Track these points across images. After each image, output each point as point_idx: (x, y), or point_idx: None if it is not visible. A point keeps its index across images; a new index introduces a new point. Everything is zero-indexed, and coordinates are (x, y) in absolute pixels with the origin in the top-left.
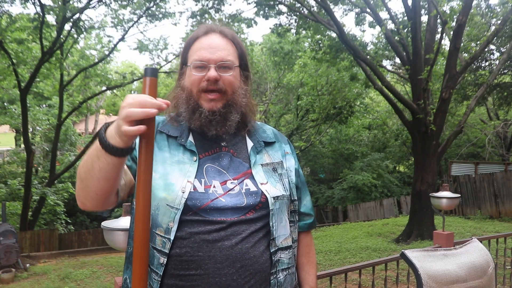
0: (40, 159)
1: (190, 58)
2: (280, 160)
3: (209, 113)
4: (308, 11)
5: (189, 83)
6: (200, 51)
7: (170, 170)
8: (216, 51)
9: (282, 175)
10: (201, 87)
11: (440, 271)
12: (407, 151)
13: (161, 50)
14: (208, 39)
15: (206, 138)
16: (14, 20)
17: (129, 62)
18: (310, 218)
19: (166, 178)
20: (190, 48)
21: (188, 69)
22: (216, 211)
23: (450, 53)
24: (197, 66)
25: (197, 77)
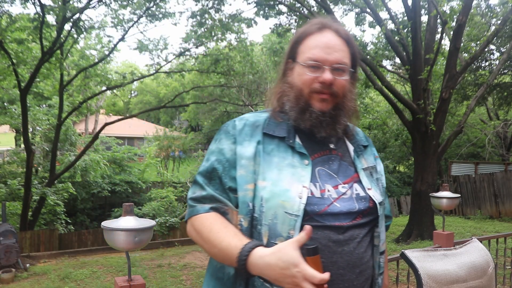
0: (40, 159)
1: (302, 55)
2: (374, 164)
3: (320, 113)
4: (308, 11)
5: (300, 81)
6: (315, 50)
7: (281, 175)
8: (333, 51)
9: (378, 180)
10: (313, 88)
11: (440, 271)
12: (407, 151)
13: (161, 50)
14: (324, 37)
15: (312, 139)
16: (14, 20)
17: (129, 62)
18: (389, 220)
19: (279, 184)
20: (301, 44)
21: (299, 66)
22: (331, 216)
23: (450, 53)
24: (311, 66)
25: (310, 77)
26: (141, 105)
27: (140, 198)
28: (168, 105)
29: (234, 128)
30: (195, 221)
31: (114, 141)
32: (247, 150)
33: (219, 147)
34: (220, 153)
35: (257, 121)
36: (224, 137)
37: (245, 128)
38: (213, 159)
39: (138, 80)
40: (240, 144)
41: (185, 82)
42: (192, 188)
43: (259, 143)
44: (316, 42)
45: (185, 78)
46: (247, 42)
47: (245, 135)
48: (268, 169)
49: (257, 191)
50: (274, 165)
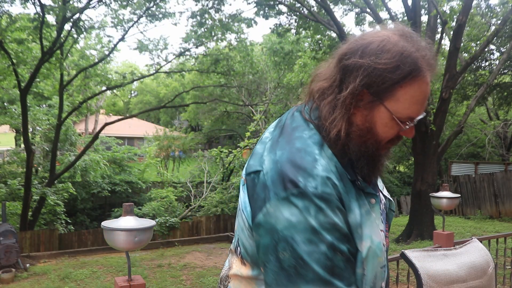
0: (40, 159)
1: (399, 105)
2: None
3: (385, 161)
4: (308, 11)
5: (383, 134)
6: (418, 107)
7: (371, 228)
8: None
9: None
10: (390, 139)
11: (440, 271)
12: (407, 151)
13: (161, 50)
14: (426, 85)
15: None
16: (14, 20)
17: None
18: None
19: (374, 239)
20: (402, 87)
21: (387, 115)
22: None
23: (450, 53)
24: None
25: (396, 131)
26: (141, 105)
27: (140, 198)
28: (168, 105)
29: (333, 192)
30: None
31: (114, 141)
32: (354, 216)
33: (330, 222)
34: (334, 230)
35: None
36: (327, 206)
37: (342, 187)
38: (327, 240)
39: (138, 80)
40: (350, 211)
41: (185, 82)
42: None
43: (357, 201)
44: (421, 96)
45: (185, 78)
46: (247, 42)
47: (344, 193)
48: (360, 225)
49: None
50: (362, 219)
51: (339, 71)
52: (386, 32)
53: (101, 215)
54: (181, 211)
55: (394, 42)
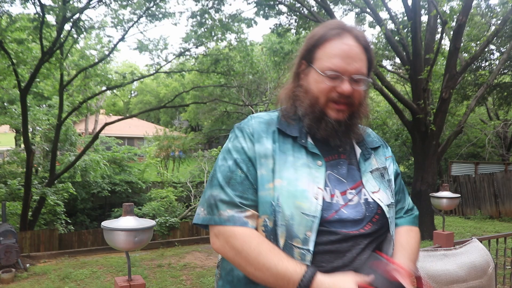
0: (40, 159)
1: (320, 62)
2: (385, 165)
3: (336, 123)
4: (308, 11)
5: (317, 90)
6: (336, 59)
7: (297, 175)
8: (352, 61)
9: (389, 181)
10: (330, 97)
11: (440, 271)
12: (407, 151)
13: (161, 50)
14: (343, 44)
15: (322, 141)
16: (14, 20)
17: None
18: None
19: (295, 184)
20: (320, 48)
21: (316, 73)
22: (338, 222)
23: (450, 53)
24: (330, 75)
25: (328, 87)
26: (141, 105)
27: (140, 198)
28: (168, 105)
29: (250, 126)
30: (231, 238)
31: (114, 141)
32: (265, 148)
33: (238, 145)
34: (240, 152)
35: (271, 119)
36: (241, 135)
37: (261, 126)
38: (234, 158)
39: (138, 80)
40: (258, 142)
41: (185, 82)
42: (210, 187)
43: (274, 142)
44: (336, 50)
45: (185, 78)
46: (247, 42)
47: (261, 132)
48: (284, 167)
49: (275, 191)
50: (289, 164)
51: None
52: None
53: (101, 215)
54: (181, 211)
55: (318, 27)
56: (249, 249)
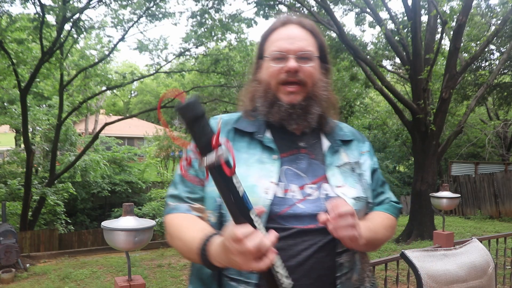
0: (40, 159)
1: (267, 50)
2: (358, 160)
3: (289, 106)
4: (308, 11)
5: (266, 75)
6: (279, 42)
7: (249, 171)
8: (296, 41)
9: (361, 175)
10: (280, 79)
11: (440, 271)
12: (407, 151)
13: (161, 50)
14: (287, 29)
15: (284, 136)
16: (14, 20)
17: (129, 62)
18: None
19: (246, 180)
20: (267, 40)
21: (266, 61)
22: (293, 218)
23: (450, 53)
24: (275, 58)
25: (275, 69)
26: (141, 105)
27: (140, 198)
28: (168, 105)
29: None
30: (167, 219)
31: (114, 141)
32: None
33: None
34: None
35: (230, 119)
36: None
37: (221, 127)
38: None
39: (138, 80)
40: None
41: (185, 82)
42: (170, 186)
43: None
44: (279, 35)
45: (185, 78)
46: (247, 42)
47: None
48: (237, 165)
49: None
50: (242, 161)
51: None
52: None
53: (101, 215)
54: None
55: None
56: (173, 226)
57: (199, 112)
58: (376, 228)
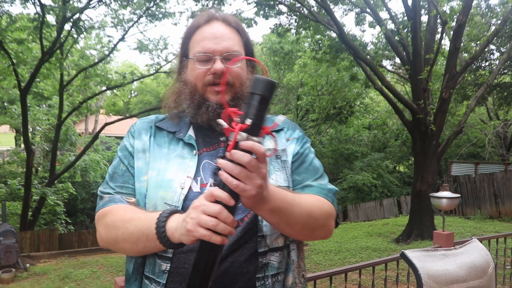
0: (40, 159)
1: (192, 50)
2: (284, 147)
3: (217, 106)
4: (308, 11)
5: (193, 77)
6: (204, 42)
7: (167, 165)
8: (221, 41)
9: (285, 162)
10: (206, 81)
11: (440, 271)
12: (407, 151)
13: (161, 50)
14: (211, 28)
15: (209, 133)
16: (14, 20)
17: (129, 62)
18: (331, 187)
19: (163, 174)
20: (191, 39)
21: (191, 62)
22: None
23: (450, 53)
24: (201, 59)
25: (201, 71)
26: (141, 105)
27: None
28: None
29: (134, 126)
30: (103, 212)
31: (114, 141)
32: (143, 143)
33: (122, 145)
34: (124, 149)
35: (156, 119)
36: (127, 135)
37: (143, 124)
38: (118, 156)
39: (138, 80)
40: (138, 138)
41: None
42: (102, 184)
43: (151, 136)
44: (204, 34)
45: None
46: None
47: (142, 130)
48: (157, 159)
49: (148, 182)
50: (162, 156)
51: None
52: None
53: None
54: None
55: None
56: (118, 214)
57: (272, 96)
58: (294, 201)
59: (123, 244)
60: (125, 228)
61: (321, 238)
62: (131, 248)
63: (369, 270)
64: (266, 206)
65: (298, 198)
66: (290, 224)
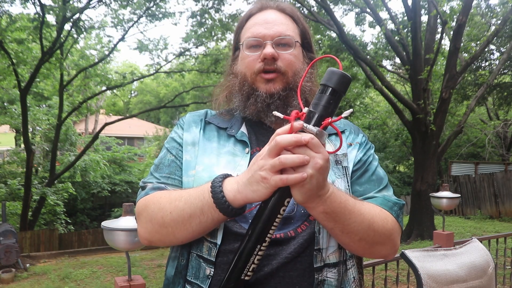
0: (40, 159)
1: (243, 38)
2: (345, 152)
3: (267, 95)
4: (308, 11)
5: (242, 65)
6: (254, 27)
7: (216, 161)
8: (273, 25)
9: (347, 168)
10: (256, 69)
11: (440, 271)
12: (407, 151)
13: (161, 50)
14: (264, 14)
15: (261, 131)
16: (14, 20)
17: (129, 62)
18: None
19: (211, 170)
20: (243, 28)
21: (241, 51)
22: None
23: (450, 53)
24: (251, 45)
25: (251, 58)
26: (141, 105)
27: None
28: (168, 105)
29: (183, 118)
30: (145, 200)
31: (114, 141)
32: (193, 136)
33: (171, 136)
34: (172, 141)
35: (206, 113)
36: (176, 127)
37: (194, 117)
38: (166, 148)
39: (138, 80)
40: (187, 131)
41: (185, 82)
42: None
43: (201, 129)
44: (255, 20)
45: (185, 78)
46: None
47: (192, 122)
48: (206, 154)
49: (195, 177)
50: (212, 151)
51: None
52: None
53: (101, 215)
54: None
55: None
56: (162, 197)
57: (345, 91)
58: (355, 208)
59: (173, 227)
60: (174, 207)
61: (384, 256)
62: (183, 229)
63: (369, 270)
64: (320, 206)
65: (360, 205)
66: (346, 233)
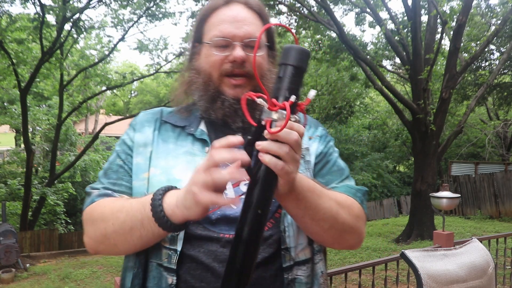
0: (40, 159)
1: (208, 34)
2: (307, 146)
3: (234, 101)
4: (308, 11)
5: (207, 64)
6: (222, 25)
7: (174, 163)
8: (242, 25)
9: (308, 162)
10: (223, 70)
11: (440, 271)
12: (407, 151)
13: (161, 50)
14: (231, 10)
15: (222, 127)
16: (14, 20)
17: (129, 62)
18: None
19: (170, 172)
20: (207, 21)
21: (206, 48)
22: (224, 222)
23: (450, 53)
24: (218, 45)
25: (218, 58)
26: (141, 105)
27: None
28: (168, 105)
29: (136, 119)
30: (90, 208)
31: (114, 141)
32: (145, 136)
33: (122, 138)
34: (123, 143)
35: (161, 111)
36: (128, 129)
37: (147, 116)
38: (116, 151)
39: (138, 80)
40: (139, 131)
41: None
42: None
43: (155, 130)
44: (222, 17)
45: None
46: None
47: (145, 122)
48: (161, 156)
49: (149, 180)
50: (168, 152)
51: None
52: None
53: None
54: None
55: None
56: (105, 206)
57: (307, 67)
58: (322, 192)
59: (115, 238)
60: (116, 218)
61: (351, 246)
62: (125, 241)
63: (369, 270)
64: (293, 193)
65: (327, 191)
66: (317, 220)
